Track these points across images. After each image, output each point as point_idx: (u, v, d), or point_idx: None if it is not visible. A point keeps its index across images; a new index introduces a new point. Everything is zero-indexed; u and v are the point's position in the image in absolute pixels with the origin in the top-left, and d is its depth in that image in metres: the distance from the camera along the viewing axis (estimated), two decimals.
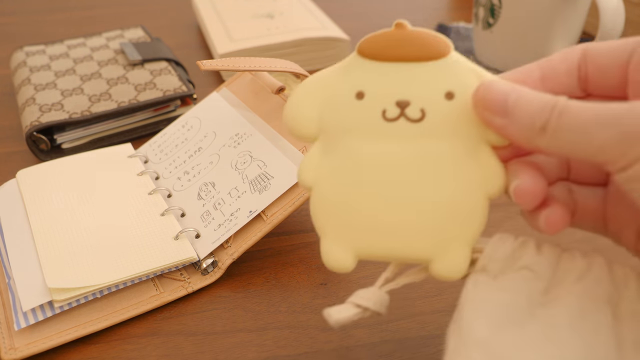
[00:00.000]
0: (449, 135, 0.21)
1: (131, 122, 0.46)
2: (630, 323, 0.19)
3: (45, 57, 0.51)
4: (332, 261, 0.22)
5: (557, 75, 0.22)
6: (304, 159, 0.23)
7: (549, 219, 0.20)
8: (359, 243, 0.22)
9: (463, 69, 0.22)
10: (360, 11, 0.70)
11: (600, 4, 0.44)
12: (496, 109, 0.20)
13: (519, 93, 0.20)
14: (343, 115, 0.22)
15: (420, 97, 0.22)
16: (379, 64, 0.22)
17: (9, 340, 0.29)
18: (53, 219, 0.34)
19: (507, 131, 0.20)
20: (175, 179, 0.39)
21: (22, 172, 0.39)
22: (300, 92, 0.23)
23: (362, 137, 0.22)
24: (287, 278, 0.33)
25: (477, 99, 0.21)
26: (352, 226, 0.22)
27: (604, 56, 0.21)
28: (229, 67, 0.34)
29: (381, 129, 0.22)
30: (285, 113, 0.23)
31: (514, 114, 0.19)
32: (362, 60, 0.22)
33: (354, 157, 0.22)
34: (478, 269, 0.22)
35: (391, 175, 0.22)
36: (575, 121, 0.18)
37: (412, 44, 0.22)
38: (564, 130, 0.18)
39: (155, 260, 0.32)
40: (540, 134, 0.19)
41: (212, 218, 0.34)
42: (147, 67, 0.49)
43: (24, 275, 0.31)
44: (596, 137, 0.18)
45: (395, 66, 0.22)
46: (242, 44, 0.54)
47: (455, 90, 0.21)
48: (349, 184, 0.22)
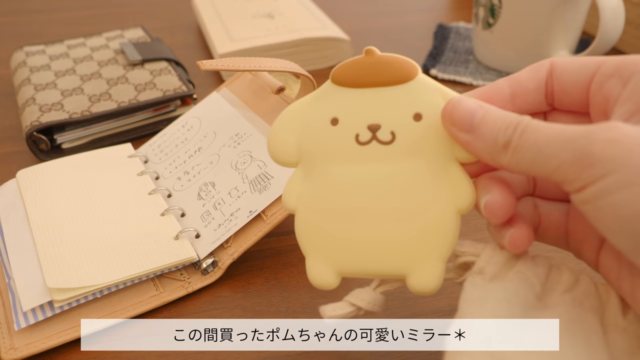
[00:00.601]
0: (419, 154, 0.22)
1: (131, 122, 0.46)
2: (615, 334, 0.20)
3: (45, 57, 0.51)
4: (317, 279, 0.24)
5: (526, 93, 0.23)
6: (287, 184, 0.25)
7: (513, 237, 0.21)
8: (339, 262, 0.23)
9: (429, 90, 0.23)
10: (360, 11, 0.70)
11: (600, 4, 0.44)
12: (462, 125, 0.21)
13: (486, 111, 0.20)
14: (319, 141, 0.24)
15: (389, 120, 0.23)
16: (351, 91, 0.23)
17: (9, 340, 0.29)
18: (53, 219, 0.34)
19: (472, 147, 0.21)
20: (175, 179, 0.39)
21: (22, 172, 0.39)
22: (280, 120, 0.25)
23: (338, 161, 0.23)
24: (287, 278, 0.33)
25: (445, 115, 0.21)
26: (332, 247, 0.23)
27: (567, 74, 0.22)
28: (229, 67, 0.34)
29: (355, 153, 0.23)
30: (269, 143, 0.25)
31: (479, 130, 0.20)
32: (336, 87, 0.24)
33: (331, 181, 0.23)
34: (475, 271, 0.22)
35: (366, 197, 0.23)
36: (535, 141, 0.19)
37: (380, 70, 0.23)
38: (524, 149, 0.19)
39: (155, 260, 0.32)
40: (502, 152, 0.20)
41: (212, 218, 0.34)
42: (147, 67, 0.49)
43: (24, 275, 0.31)
44: (553, 157, 0.18)
45: (366, 92, 0.23)
46: (242, 44, 0.54)
47: (423, 111, 0.22)
48: (327, 207, 0.23)
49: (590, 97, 0.21)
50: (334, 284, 0.23)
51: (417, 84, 0.23)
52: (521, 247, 0.21)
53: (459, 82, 0.54)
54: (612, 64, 0.21)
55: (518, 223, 0.21)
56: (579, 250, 0.23)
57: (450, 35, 0.62)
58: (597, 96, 0.21)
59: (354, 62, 0.23)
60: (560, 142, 0.18)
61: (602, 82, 0.21)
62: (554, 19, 0.48)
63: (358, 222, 0.23)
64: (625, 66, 0.20)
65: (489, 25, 0.52)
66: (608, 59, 0.21)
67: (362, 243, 0.23)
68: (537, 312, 0.21)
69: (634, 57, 0.20)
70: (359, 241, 0.23)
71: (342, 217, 0.23)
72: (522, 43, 0.51)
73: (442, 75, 0.54)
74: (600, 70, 0.21)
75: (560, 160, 0.18)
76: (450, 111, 0.21)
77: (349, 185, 0.23)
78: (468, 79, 0.54)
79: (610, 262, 0.21)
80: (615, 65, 0.20)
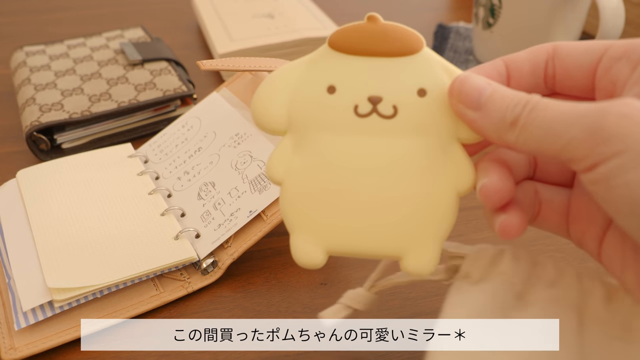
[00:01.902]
0: (421, 132, 0.21)
1: (131, 122, 0.46)
2: (593, 327, 0.20)
3: (45, 57, 0.51)
4: (302, 256, 0.22)
5: (521, 75, 0.22)
6: (273, 153, 0.22)
7: (503, 223, 0.20)
8: (329, 238, 0.22)
9: (434, 65, 0.22)
10: (360, 11, 0.70)
11: (600, 4, 0.44)
12: (470, 102, 0.20)
13: (494, 88, 0.20)
14: (314, 109, 0.22)
15: (392, 94, 0.21)
16: (351, 58, 0.22)
17: (9, 340, 0.29)
18: (53, 219, 0.34)
19: (478, 125, 0.20)
20: (175, 178, 0.39)
21: (22, 172, 0.39)
22: (268, 84, 0.23)
23: (334, 132, 0.22)
24: (287, 278, 0.33)
25: (452, 91, 0.21)
26: (322, 221, 0.22)
27: (572, 58, 0.21)
28: (229, 67, 0.34)
29: (353, 125, 0.22)
30: (253, 106, 0.23)
31: (487, 107, 0.20)
32: (334, 53, 0.22)
33: (325, 152, 0.22)
34: (461, 275, 0.23)
35: (362, 171, 0.21)
36: (544, 117, 0.18)
37: (385, 39, 0.22)
38: (533, 126, 0.18)
39: (155, 260, 0.32)
40: (510, 129, 0.19)
41: (212, 218, 0.34)
42: (147, 67, 0.49)
43: (24, 275, 0.31)
44: (564, 133, 0.18)
45: (368, 61, 0.22)
46: (242, 44, 0.54)
47: (428, 87, 0.21)
48: (319, 179, 0.22)
49: (596, 80, 0.21)
50: (320, 262, 0.22)
51: (422, 58, 0.22)
52: (511, 235, 0.20)
53: None
54: (620, 46, 0.20)
55: (512, 210, 0.20)
56: (581, 238, 0.22)
57: (450, 35, 0.62)
58: (604, 79, 0.20)
59: (355, 28, 0.22)
60: (572, 118, 0.17)
61: (610, 65, 0.20)
62: (554, 19, 0.48)
63: (351, 197, 0.21)
64: (634, 49, 0.20)
65: (489, 25, 0.52)
66: (615, 42, 0.20)
67: (355, 219, 0.21)
68: (515, 312, 0.21)
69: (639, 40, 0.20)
70: (352, 217, 0.21)
71: (335, 191, 0.21)
72: (522, 43, 0.51)
73: None
74: (608, 54, 0.20)
75: (571, 136, 0.17)
76: (458, 87, 0.20)
77: (345, 158, 0.22)
78: None
79: (614, 251, 0.20)
80: (624, 48, 0.20)
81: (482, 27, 0.54)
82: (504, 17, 0.51)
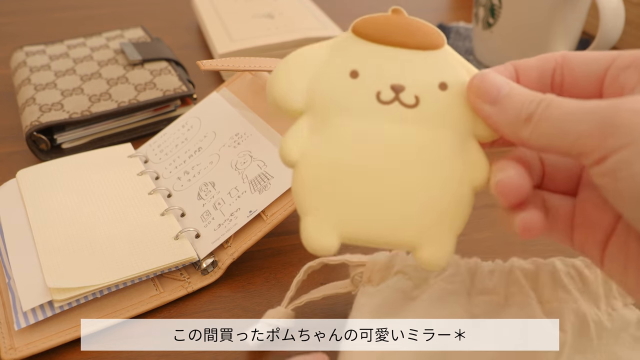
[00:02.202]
0: (441, 124, 0.22)
1: (131, 122, 0.46)
2: (480, 297, 0.26)
3: (45, 57, 0.51)
4: (314, 241, 0.21)
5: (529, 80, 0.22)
6: (289, 132, 0.22)
7: (524, 220, 0.20)
8: (344, 224, 0.21)
9: (456, 62, 0.22)
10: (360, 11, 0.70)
11: (600, 4, 0.44)
12: (488, 97, 0.21)
13: (512, 87, 0.21)
14: (335, 92, 0.22)
15: (415, 84, 0.22)
16: (375, 46, 0.22)
17: (9, 340, 0.29)
18: (53, 219, 0.34)
19: (494, 119, 0.21)
20: (175, 178, 0.39)
21: (22, 172, 0.39)
22: (289, 62, 0.22)
23: (355, 116, 0.22)
24: (287, 278, 0.33)
25: (471, 86, 0.21)
26: (338, 207, 0.21)
27: (580, 67, 0.22)
28: (229, 67, 0.34)
29: (374, 111, 0.22)
30: (271, 83, 0.22)
31: (504, 103, 0.20)
32: (357, 39, 0.22)
33: (345, 135, 0.21)
34: (364, 281, 0.27)
35: (382, 158, 0.21)
36: (558, 112, 0.19)
37: (409, 31, 0.22)
38: (547, 122, 0.19)
39: (155, 260, 0.32)
40: (524, 125, 0.20)
41: (212, 218, 0.34)
42: (147, 67, 0.49)
43: (24, 275, 0.31)
44: (575, 128, 0.18)
45: (392, 50, 0.22)
46: (242, 44, 0.54)
47: (449, 81, 0.22)
48: (337, 162, 0.21)
49: (604, 88, 0.21)
50: (333, 248, 0.21)
51: (445, 54, 0.22)
52: (533, 233, 0.20)
53: None
54: (628, 55, 0.20)
55: (530, 207, 0.20)
56: (584, 245, 0.22)
57: (450, 35, 0.62)
58: (612, 87, 0.21)
59: (380, 18, 0.22)
60: (584, 113, 0.18)
61: (618, 74, 0.20)
62: (554, 19, 0.48)
63: (369, 182, 0.21)
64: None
65: (489, 25, 0.52)
66: (623, 52, 0.21)
67: (371, 206, 0.21)
68: (411, 301, 0.26)
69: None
70: (368, 204, 0.21)
71: (351, 175, 0.21)
72: (522, 43, 0.51)
73: None
74: (616, 63, 0.21)
75: (582, 130, 0.18)
76: (478, 83, 0.21)
77: (366, 143, 0.21)
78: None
79: (617, 255, 0.21)
80: (632, 56, 0.20)
81: (482, 27, 0.54)
82: (504, 17, 0.51)
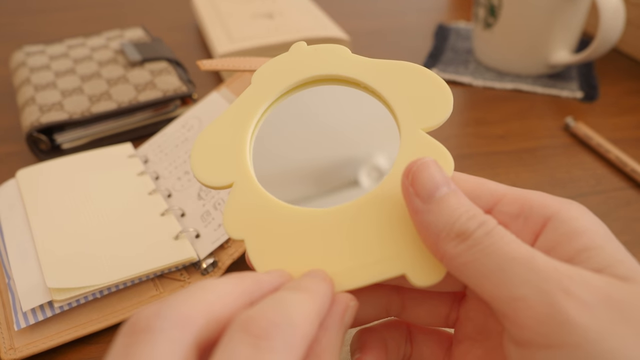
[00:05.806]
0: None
1: (131, 122, 0.46)
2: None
3: (45, 57, 0.51)
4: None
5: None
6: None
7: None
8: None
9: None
10: (360, 11, 0.70)
11: (600, 4, 0.44)
12: (422, 192, 0.18)
13: (452, 190, 0.18)
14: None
15: None
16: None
17: (8, 340, 0.29)
18: (53, 219, 0.34)
19: (420, 218, 0.18)
20: (175, 179, 0.39)
21: (22, 172, 0.39)
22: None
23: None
24: None
25: (407, 173, 0.19)
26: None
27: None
28: (229, 67, 0.34)
29: None
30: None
31: (437, 206, 0.18)
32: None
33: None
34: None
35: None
36: (500, 252, 0.16)
37: None
38: (484, 254, 0.16)
39: (155, 260, 0.32)
40: (452, 240, 0.17)
41: (212, 218, 0.34)
42: (147, 67, 0.49)
43: (24, 275, 0.31)
44: (517, 287, 0.16)
45: None
46: (242, 44, 0.54)
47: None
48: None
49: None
50: None
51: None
52: None
53: (459, 82, 0.54)
54: (512, 200, 0.19)
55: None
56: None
57: (450, 35, 0.62)
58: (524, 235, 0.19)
59: None
60: (529, 272, 0.16)
61: (507, 222, 0.19)
62: (554, 19, 0.48)
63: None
64: (531, 207, 0.18)
65: (489, 25, 0.52)
66: (506, 192, 0.19)
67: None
68: None
69: (534, 196, 0.18)
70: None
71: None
72: (522, 43, 0.51)
73: (442, 75, 0.54)
74: (500, 208, 0.19)
75: (523, 295, 0.15)
76: (415, 172, 0.19)
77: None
78: (468, 78, 0.54)
79: None
80: (517, 202, 0.19)
81: (482, 27, 0.54)
82: (504, 17, 0.51)
